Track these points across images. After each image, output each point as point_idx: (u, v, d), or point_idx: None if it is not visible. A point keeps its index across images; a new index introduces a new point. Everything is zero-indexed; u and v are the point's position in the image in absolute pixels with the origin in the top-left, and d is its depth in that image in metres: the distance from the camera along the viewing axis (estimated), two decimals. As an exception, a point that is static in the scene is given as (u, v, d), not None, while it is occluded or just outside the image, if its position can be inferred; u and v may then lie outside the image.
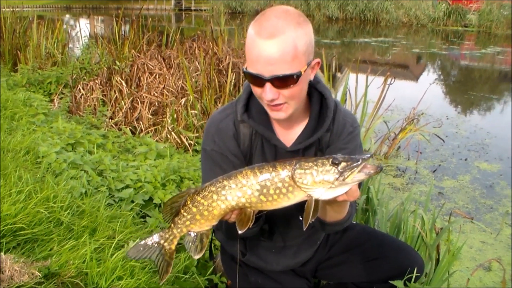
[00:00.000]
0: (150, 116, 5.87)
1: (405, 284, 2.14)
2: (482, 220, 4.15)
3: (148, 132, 5.60)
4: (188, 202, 1.66)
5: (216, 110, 2.06)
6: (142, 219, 3.03)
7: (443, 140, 6.26)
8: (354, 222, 2.29)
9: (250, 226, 1.64)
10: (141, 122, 5.82)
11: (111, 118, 5.87)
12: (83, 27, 11.02)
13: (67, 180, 2.98)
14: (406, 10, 25.79)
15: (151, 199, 3.24)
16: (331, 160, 1.54)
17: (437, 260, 2.79)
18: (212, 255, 2.57)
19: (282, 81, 1.64)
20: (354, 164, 1.51)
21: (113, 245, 2.28)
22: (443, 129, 6.91)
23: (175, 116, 5.53)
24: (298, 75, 1.65)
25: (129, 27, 8.52)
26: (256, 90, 1.74)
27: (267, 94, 1.67)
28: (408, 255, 2.26)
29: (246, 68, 1.70)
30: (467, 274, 3.23)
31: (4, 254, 1.95)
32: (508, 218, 4.19)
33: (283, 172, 1.57)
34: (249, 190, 1.59)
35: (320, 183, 1.54)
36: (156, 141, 5.09)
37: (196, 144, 5.15)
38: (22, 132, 3.94)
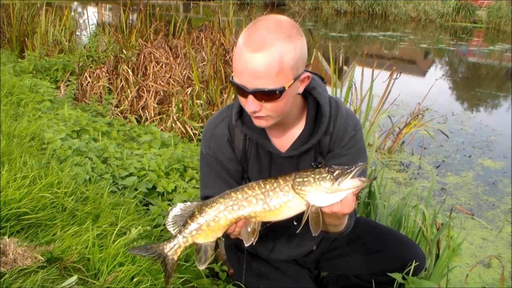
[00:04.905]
0: (156, 105, 5.88)
1: (404, 277, 2.16)
2: (484, 217, 4.15)
3: (153, 121, 5.62)
4: (196, 212, 1.74)
5: (214, 114, 2.08)
6: (145, 207, 3.05)
7: (447, 136, 6.25)
8: (357, 216, 2.31)
9: (256, 239, 1.71)
10: (146, 111, 5.84)
11: (116, 106, 5.89)
12: (91, 15, 11.02)
13: (72, 166, 3.01)
14: (415, 5, 25.59)
15: (154, 187, 3.26)
16: (327, 168, 1.64)
17: (437, 256, 2.80)
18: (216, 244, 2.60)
19: (265, 95, 1.63)
20: (348, 170, 1.61)
21: (116, 231, 2.30)
22: (448, 125, 6.89)
23: (180, 105, 5.55)
24: (281, 91, 1.62)
25: (137, 16, 8.50)
26: (240, 99, 1.75)
27: (249, 106, 1.67)
28: (409, 248, 2.28)
29: (232, 77, 1.68)
30: (467, 270, 3.24)
31: (8, 237, 1.98)
32: (509, 215, 4.19)
33: (284, 183, 1.68)
34: (253, 199, 1.70)
35: (317, 189, 1.63)
36: (161, 130, 5.11)
37: (200, 134, 5.16)
38: (28, 118, 3.96)
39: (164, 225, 2.77)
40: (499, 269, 3.37)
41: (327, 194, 1.62)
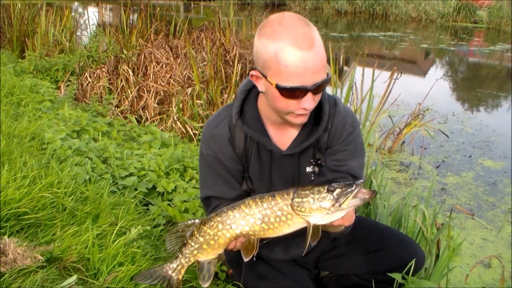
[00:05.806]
0: (156, 105, 5.89)
1: (404, 277, 2.16)
2: (484, 217, 4.14)
3: (153, 121, 5.62)
4: (195, 232, 1.74)
5: (212, 114, 2.08)
6: (145, 207, 3.05)
7: (447, 136, 6.24)
8: (357, 215, 2.30)
9: (255, 253, 1.73)
10: (146, 111, 5.84)
11: (117, 106, 5.89)
12: (91, 15, 10.99)
13: (72, 166, 3.01)
14: (416, 5, 25.57)
15: (154, 187, 3.26)
16: (326, 187, 1.61)
17: (437, 256, 2.80)
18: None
19: (321, 87, 1.67)
20: (349, 190, 1.59)
21: (115, 231, 2.30)
22: (448, 125, 6.89)
23: (180, 105, 5.55)
24: (330, 77, 1.69)
25: (137, 16, 8.50)
26: (289, 103, 1.68)
27: (309, 103, 1.67)
28: (409, 247, 2.29)
29: (280, 85, 1.63)
30: (467, 270, 3.23)
31: (8, 237, 1.98)
32: (510, 215, 4.19)
33: (282, 201, 1.66)
34: (251, 218, 1.69)
35: (317, 210, 1.62)
36: (161, 130, 5.11)
37: (200, 134, 5.16)
38: (28, 118, 3.96)
39: (164, 241, 2.77)
40: (499, 269, 3.37)
41: (328, 215, 1.62)
